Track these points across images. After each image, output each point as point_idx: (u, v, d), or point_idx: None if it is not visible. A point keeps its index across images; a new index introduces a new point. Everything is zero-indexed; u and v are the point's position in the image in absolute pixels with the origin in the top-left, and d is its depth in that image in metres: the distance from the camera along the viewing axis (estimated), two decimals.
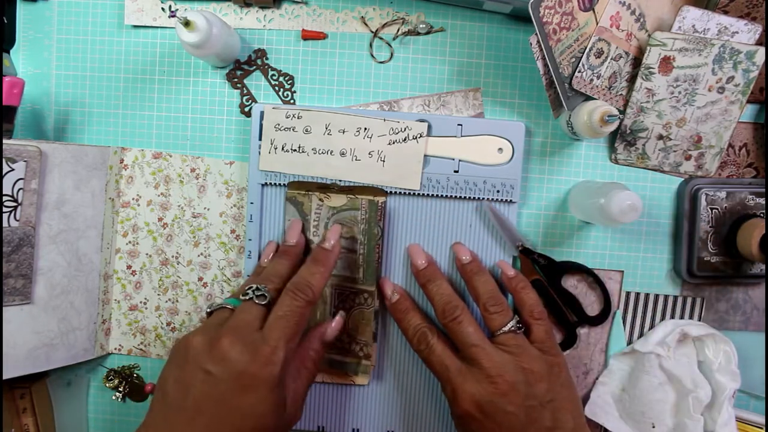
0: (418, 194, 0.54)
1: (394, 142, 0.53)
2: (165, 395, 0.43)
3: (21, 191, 0.49)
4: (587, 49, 0.51)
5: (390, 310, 0.54)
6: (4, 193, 0.48)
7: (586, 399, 0.57)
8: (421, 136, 0.53)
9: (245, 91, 0.57)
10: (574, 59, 0.51)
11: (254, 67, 0.56)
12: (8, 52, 0.56)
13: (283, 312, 0.44)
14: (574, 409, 0.47)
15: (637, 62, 0.53)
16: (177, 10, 0.56)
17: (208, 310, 0.47)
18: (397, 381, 0.56)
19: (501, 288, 0.52)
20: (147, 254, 0.57)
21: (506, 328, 0.48)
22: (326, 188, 0.54)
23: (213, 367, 0.41)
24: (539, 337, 0.49)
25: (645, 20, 0.53)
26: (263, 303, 0.45)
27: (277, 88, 0.57)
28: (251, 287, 0.46)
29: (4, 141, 0.49)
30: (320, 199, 0.55)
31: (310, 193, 0.55)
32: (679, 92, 0.53)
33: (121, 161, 0.57)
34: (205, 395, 0.41)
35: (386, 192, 0.54)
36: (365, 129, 0.53)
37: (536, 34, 0.49)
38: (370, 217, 0.54)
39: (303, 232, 0.54)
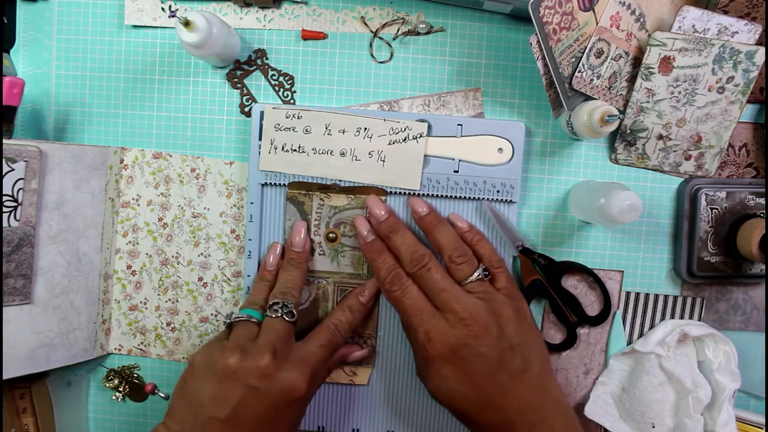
0: (418, 194, 0.54)
1: (394, 142, 0.53)
2: (198, 407, 0.44)
3: (21, 191, 0.49)
4: (587, 49, 0.51)
5: (363, 249, 0.53)
6: (4, 193, 0.48)
7: (586, 399, 0.57)
8: (421, 136, 0.53)
9: (245, 91, 0.57)
10: (574, 59, 0.51)
11: (254, 67, 0.57)
12: (8, 52, 0.56)
13: (325, 342, 0.49)
14: (541, 354, 0.49)
15: (637, 62, 0.53)
16: (177, 10, 0.56)
17: (228, 321, 0.49)
18: (397, 381, 0.56)
19: None
20: (147, 254, 0.57)
21: (473, 277, 0.49)
22: (327, 189, 0.54)
23: (259, 383, 0.44)
24: (503, 284, 0.50)
25: (645, 20, 0.53)
26: (293, 320, 0.49)
27: (277, 88, 0.57)
28: (277, 303, 0.49)
29: (4, 141, 0.49)
30: (321, 199, 0.55)
31: (311, 192, 0.55)
32: (679, 92, 0.53)
33: (121, 161, 0.57)
34: (248, 408, 0.44)
35: (386, 192, 0.54)
36: (365, 129, 0.53)
37: (536, 34, 0.49)
38: None
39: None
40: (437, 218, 0.53)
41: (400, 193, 0.54)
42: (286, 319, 0.48)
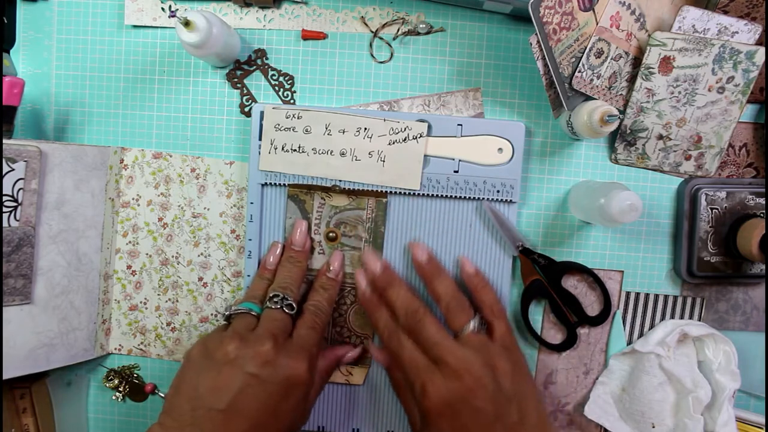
0: (418, 194, 0.54)
1: (394, 142, 0.53)
2: (196, 399, 0.43)
3: (21, 191, 0.49)
4: (587, 49, 0.51)
5: (362, 302, 0.53)
6: (4, 193, 0.48)
7: (586, 399, 0.57)
8: (421, 136, 0.53)
9: (245, 91, 0.57)
10: (574, 59, 0.51)
11: (254, 67, 0.57)
12: (8, 52, 0.56)
13: (312, 324, 0.49)
14: (537, 404, 0.48)
15: (637, 62, 0.53)
16: (177, 10, 0.56)
17: (227, 313, 0.49)
18: None
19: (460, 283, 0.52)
20: (147, 254, 0.57)
21: (470, 328, 0.49)
22: (328, 189, 0.55)
23: (259, 370, 0.43)
24: (501, 334, 0.50)
25: (645, 20, 0.53)
26: (292, 312, 0.49)
27: (277, 88, 0.57)
28: (277, 295, 0.49)
29: (4, 141, 0.49)
30: (322, 198, 0.55)
31: (312, 191, 0.55)
32: (679, 92, 0.53)
33: (121, 161, 0.57)
34: (248, 397, 0.43)
35: (386, 194, 0.54)
36: (365, 129, 0.53)
37: (536, 34, 0.49)
38: (377, 216, 0.54)
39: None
40: (437, 267, 0.53)
41: (400, 193, 0.54)
42: (286, 311, 0.48)
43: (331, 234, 0.55)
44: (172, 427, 0.43)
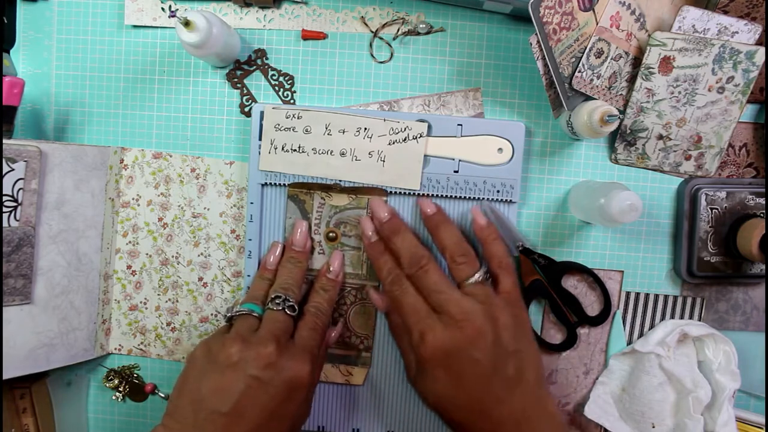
0: (419, 194, 0.54)
1: (394, 142, 0.53)
2: (199, 402, 0.43)
3: (21, 191, 0.49)
4: (587, 49, 0.51)
5: (367, 249, 0.53)
6: (4, 193, 0.48)
7: (586, 399, 0.57)
8: (421, 136, 0.53)
9: (245, 91, 0.57)
10: (574, 59, 0.51)
11: (254, 67, 0.57)
12: (8, 52, 0.56)
13: (313, 325, 0.49)
14: (537, 364, 0.47)
15: (637, 62, 0.53)
16: (177, 10, 0.56)
17: (229, 314, 0.49)
18: (396, 381, 0.56)
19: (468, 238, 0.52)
20: (147, 254, 0.57)
21: (474, 278, 0.48)
22: (328, 188, 0.55)
23: (262, 373, 0.43)
24: (506, 288, 0.49)
25: (645, 20, 0.53)
26: (294, 314, 0.49)
27: (277, 88, 0.57)
28: (279, 296, 0.49)
29: (4, 141, 0.49)
30: (322, 198, 0.55)
31: (312, 191, 0.55)
32: (679, 92, 0.53)
33: (121, 161, 0.57)
34: (251, 400, 0.43)
35: (387, 192, 0.54)
36: (365, 129, 0.53)
37: (536, 34, 0.49)
38: None
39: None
40: (443, 217, 0.52)
41: (400, 193, 0.54)
42: (288, 312, 0.48)
43: (331, 234, 0.55)
44: (175, 429, 0.43)
